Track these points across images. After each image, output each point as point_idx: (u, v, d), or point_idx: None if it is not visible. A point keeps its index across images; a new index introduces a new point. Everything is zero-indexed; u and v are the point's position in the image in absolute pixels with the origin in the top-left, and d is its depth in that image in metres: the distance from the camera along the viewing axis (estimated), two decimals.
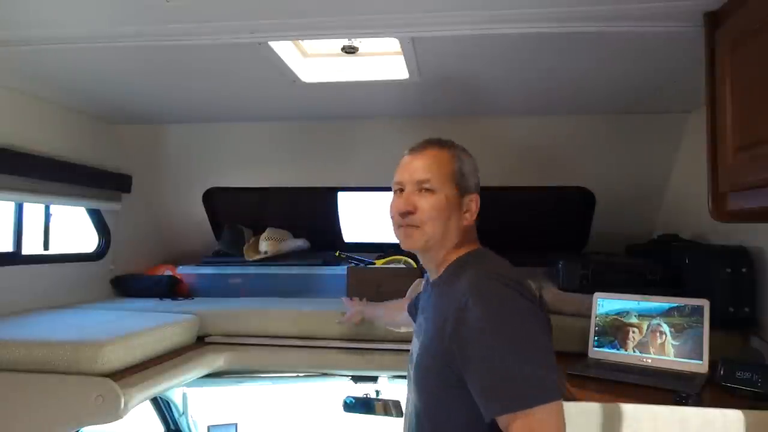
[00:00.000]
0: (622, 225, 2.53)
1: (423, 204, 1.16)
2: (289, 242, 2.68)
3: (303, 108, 2.24)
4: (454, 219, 1.17)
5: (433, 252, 1.20)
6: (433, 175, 1.17)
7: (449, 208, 1.17)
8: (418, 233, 1.17)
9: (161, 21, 1.41)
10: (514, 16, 1.36)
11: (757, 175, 1.12)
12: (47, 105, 2.12)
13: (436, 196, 1.16)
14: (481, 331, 0.99)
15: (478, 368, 0.99)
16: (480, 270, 1.10)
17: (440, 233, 1.17)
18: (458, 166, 1.19)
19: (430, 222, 1.16)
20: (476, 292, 1.03)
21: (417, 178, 1.18)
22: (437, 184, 1.17)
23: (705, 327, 1.54)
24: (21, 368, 1.55)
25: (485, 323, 0.99)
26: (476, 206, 1.20)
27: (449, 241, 1.18)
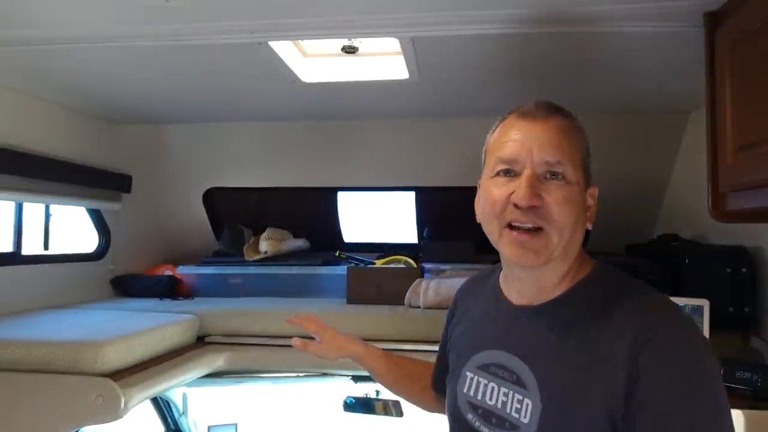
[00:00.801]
0: (622, 225, 2.53)
1: (552, 196, 0.81)
2: (289, 242, 2.68)
3: (303, 108, 2.24)
4: (579, 221, 0.85)
5: (550, 272, 0.86)
6: (565, 156, 0.83)
7: (575, 207, 0.83)
8: (544, 241, 0.82)
9: (161, 21, 1.41)
10: (514, 17, 1.36)
11: (757, 175, 1.12)
12: (47, 105, 2.12)
13: (570, 187, 0.83)
14: (683, 382, 0.71)
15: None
16: (655, 299, 0.80)
17: (567, 242, 0.83)
18: (586, 145, 0.89)
19: (564, 225, 0.82)
20: (670, 328, 0.75)
21: (545, 158, 0.82)
22: (571, 171, 0.83)
23: (705, 327, 1.53)
24: (21, 368, 1.55)
25: (692, 375, 0.72)
26: (595, 203, 0.90)
27: (573, 252, 0.86)
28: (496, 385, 0.86)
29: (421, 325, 1.93)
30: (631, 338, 0.73)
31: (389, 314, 2.03)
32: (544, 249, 0.82)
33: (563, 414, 0.77)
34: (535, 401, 0.79)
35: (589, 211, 0.88)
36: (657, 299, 0.81)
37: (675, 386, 0.71)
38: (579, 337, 0.78)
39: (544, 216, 0.81)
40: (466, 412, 0.91)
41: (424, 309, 2.05)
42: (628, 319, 0.75)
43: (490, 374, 0.88)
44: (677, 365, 0.72)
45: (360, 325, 1.99)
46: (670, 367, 0.71)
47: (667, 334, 0.73)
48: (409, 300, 2.12)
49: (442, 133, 2.38)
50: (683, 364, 0.72)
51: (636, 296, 0.80)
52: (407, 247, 2.68)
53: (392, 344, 1.93)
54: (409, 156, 2.47)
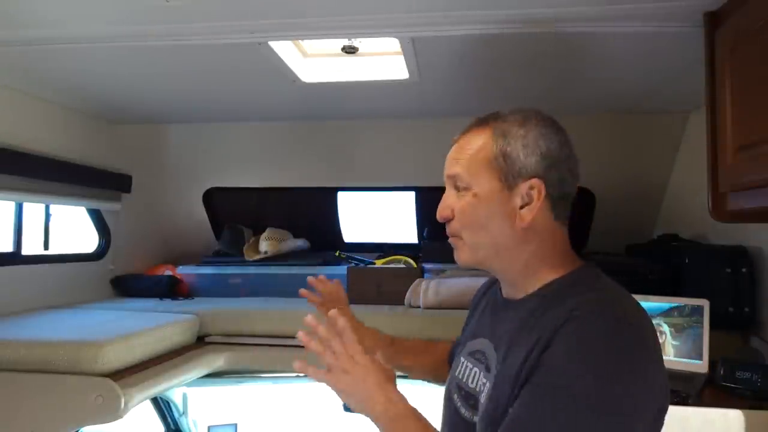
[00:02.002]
0: (622, 225, 2.53)
1: (458, 206, 0.91)
2: (289, 242, 2.68)
3: (303, 108, 2.24)
4: (500, 223, 0.87)
5: (501, 273, 0.92)
6: (463, 167, 0.90)
7: (488, 210, 0.87)
8: (461, 246, 0.92)
9: (161, 21, 1.41)
10: (513, 17, 1.36)
11: (757, 175, 1.12)
12: (47, 105, 2.12)
13: (470, 195, 0.89)
14: (565, 363, 0.72)
15: (525, 403, 0.74)
16: (597, 295, 0.81)
17: (489, 245, 0.88)
18: (499, 147, 0.87)
19: (466, 231, 0.90)
20: (598, 309, 0.76)
21: (447, 173, 0.93)
22: (470, 180, 0.89)
23: (705, 327, 1.54)
24: (21, 368, 1.55)
25: (573, 362, 0.72)
26: (539, 196, 0.86)
27: (516, 258, 0.88)
28: (477, 369, 0.92)
29: (421, 325, 1.93)
30: (561, 322, 0.75)
31: (389, 314, 2.03)
32: (465, 253, 0.91)
33: (499, 394, 0.81)
34: (490, 383, 0.85)
35: (527, 206, 0.86)
36: (603, 291, 0.83)
37: (573, 351, 0.72)
38: (533, 327, 0.81)
39: (455, 225, 0.91)
40: (454, 393, 0.97)
41: (424, 309, 2.05)
42: (567, 306, 0.77)
43: (474, 359, 0.95)
44: (585, 336, 0.73)
45: None
46: (577, 337, 0.73)
47: (592, 313, 0.75)
48: (409, 300, 2.12)
49: (442, 133, 2.36)
50: (593, 333, 0.73)
51: (587, 288, 0.82)
52: (407, 247, 2.68)
53: None
54: (409, 156, 2.47)
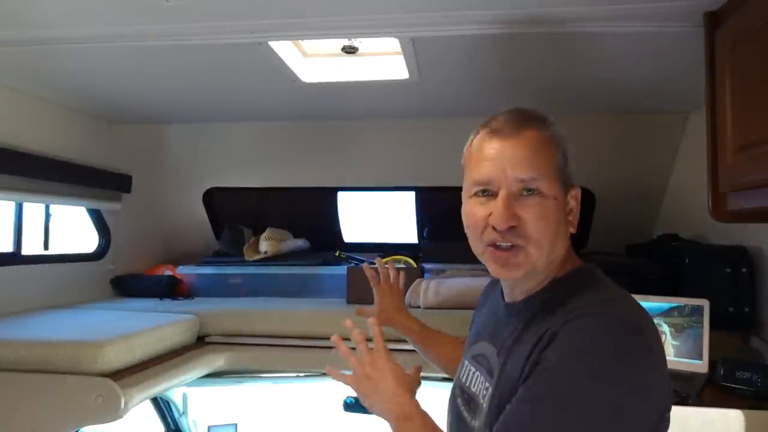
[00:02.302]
0: (622, 225, 2.53)
1: (529, 214, 0.81)
2: (289, 242, 2.68)
3: (303, 108, 2.24)
4: (564, 230, 0.85)
5: (533, 274, 0.87)
6: (539, 171, 0.82)
7: (559, 217, 0.84)
8: (523, 257, 0.82)
9: (161, 21, 1.41)
10: (513, 17, 1.36)
11: (757, 175, 1.12)
12: (47, 105, 2.12)
13: (546, 201, 0.82)
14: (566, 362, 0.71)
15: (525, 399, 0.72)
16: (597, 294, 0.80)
17: (548, 254, 0.84)
18: (561, 151, 0.85)
19: (539, 239, 0.82)
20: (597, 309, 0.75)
21: (519, 176, 0.82)
22: (546, 184, 0.82)
23: (705, 327, 1.54)
24: (21, 368, 1.55)
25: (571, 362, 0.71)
26: (578, 205, 0.86)
27: (557, 258, 0.86)
28: (480, 373, 0.91)
29: None
30: (559, 326, 0.74)
31: None
32: (525, 263, 0.84)
33: (501, 399, 0.79)
34: (492, 387, 0.84)
35: (571, 214, 0.87)
36: (602, 293, 0.82)
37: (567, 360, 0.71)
38: (535, 330, 0.80)
39: (522, 234, 0.82)
40: (458, 396, 0.97)
41: (424, 309, 2.05)
42: (566, 309, 0.76)
43: (477, 363, 0.94)
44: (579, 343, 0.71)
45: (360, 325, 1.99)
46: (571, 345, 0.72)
47: (585, 319, 0.73)
48: (409, 300, 2.12)
49: (442, 133, 2.38)
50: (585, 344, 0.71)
51: (587, 291, 0.81)
52: (407, 247, 2.68)
53: (392, 344, 1.92)
54: (409, 156, 2.47)
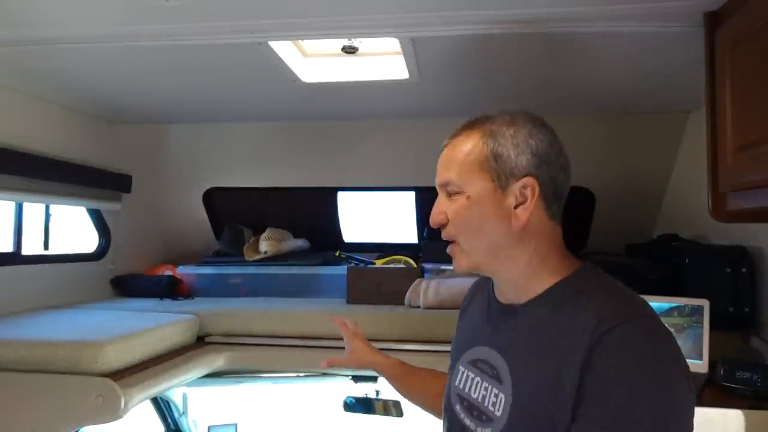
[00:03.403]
0: (622, 225, 2.53)
1: (450, 211, 0.89)
2: (289, 242, 2.68)
3: (303, 108, 2.24)
4: (496, 224, 0.86)
5: (502, 276, 0.91)
6: (456, 173, 0.88)
7: (483, 212, 0.86)
8: (459, 252, 0.90)
9: (161, 21, 1.41)
10: (514, 17, 1.36)
11: (757, 175, 1.12)
12: (47, 105, 2.12)
13: (463, 198, 0.88)
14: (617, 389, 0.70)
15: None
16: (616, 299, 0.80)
17: (486, 248, 0.88)
18: (490, 148, 0.87)
19: (462, 235, 0.89)
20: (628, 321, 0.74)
21: (439, 181, 0.92)
22: (461, 182, 0.88)
23: (705, 327, 1.54)
24: (21, 368, 1.55)
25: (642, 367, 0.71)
26: (533, 194, 0.85)
27: (515, 260, 0.87)
28: (480, 379, 0.90)
29: (421, 325, 1.93)
30: (591, 331, 0.74)
31: (389, 314, 2.03)
32: (461, 257, 0.90)
33: (530, 407, 0.79)
34: (507, 395, 0.82)
35: (522, 205, 0.86)
36: (621, 295, 0.81)
37: (621, 375, 0.70)
38: (549, 333, 0.80)
39: (449, 231, 0.90)
40: (455, 403, 0.95)
41: (424, 309, 2.05)
42: (591, 313, 0.76)
43: (476, 369, 0.92)
44: (628, 356, 0.71)
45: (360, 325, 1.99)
46: (621, 359, 0.71)
47: (624, 327, 0.73)
48: (409, 300, 2.12)
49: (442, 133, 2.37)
50: (635, 356, 0.71)
51: (602, 292, 0.81)
52: (407, 247, 2.68)
53: (392, 344, 1.93)
54: (409, 156, 2.47)
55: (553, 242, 0.90)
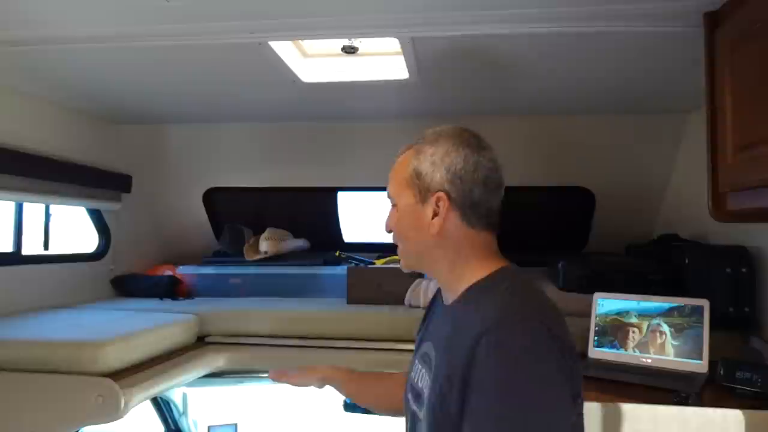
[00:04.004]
0: (622, 225, 2.53)
1: (390, 221, 1.05)
2: (289, 242, 2.68)
3: (303, 108, 2.24)
4: (417, 233, 0.99)
5: (434, 277, 1.04)
6: (391, 188, 1.04)
7: (408, 222, 1.00)
8: (399, 254, 1.05)
9: (161, 21, 1.41)
10: (513, 17, 1.36)
11: (757, 175, 1.12)
12: (47, 105, 2.12)
13: (397, 211, 1.03)
14: (492, 383, 0.80)
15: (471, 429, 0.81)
16: (504, 301, 0.88)
17: (415, 252, 1.02)
18: (414, 166, 0.99)
19: (398, 241, 1.04)
20: (494, 332, 0.82)
21: (387, 194, 1.07)
22: (395, 196, 1.03)
23: (705, 327, 1.54)
24: (21, 368, 1.55)
25: (499, 375, 0.80)
26: (446, 207, 0.95)
27: (436, 262, 0.99)
28: (424, 370, 0.99)
29: None
30: (477, 332, 0.82)
31: (389, 314, 2.03)
32: (401, 259, 1.05)
33: (436, 396, 0.89)
34: (430, 381, 0.94)
35: (437, 216, 0.96)
36: (516, 297, 0.90)
37: (494, 375, 0.80)
38: (456, 331, 0.90)
39: (393, 236, 1.05)
40: (408, 392, 1.07)
41: (424, 309, 2.04)
42: (479, 314, 0.86)
43: (423, 362, 1.02)
44: (501, 357, 0.80)
45: (360, 325, 1.99)
46: (495, 359, 0.80)
47: (501, 330, 0.82)
48: (409, 300, 2.12)
49: None
50: (506, 357, 0.80)
51: (501, 294, 0.90)
52: None
53: (392, 344, 1.93)
54: None
55: (474, 247, 0.98)
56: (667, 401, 1.25)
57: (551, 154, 2.41)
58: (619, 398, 1.30)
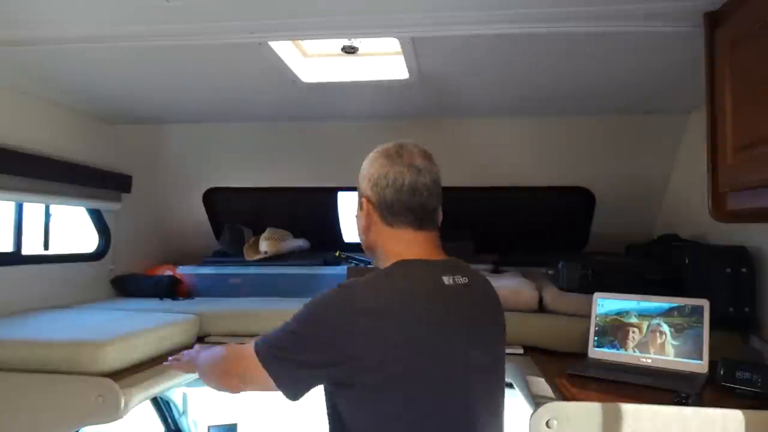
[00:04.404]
0: (622, 225, 2.53)
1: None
2: (289, 242, 2.68)
3: (303, 108, 2.24)
4: (362, 232, 1.19)
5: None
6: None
7: (358, 225, 1.20)
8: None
9: (161, 21, 1.41)
10: (514, 16, 1.36)
11: (757, 175, 1.12)
12: (47, 105, 2.12)
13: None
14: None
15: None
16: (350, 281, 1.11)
17: (366, 249, 1.21)
18: (362, 175, 1.17)
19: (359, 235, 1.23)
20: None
21: None
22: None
23: (705, 327, 1.54)
24: (21, 368, 1.55)
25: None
26: (369, 209, 1.14)
27: (378, 257, 1.17)
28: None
29: None
30: None
31: None
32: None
33: None
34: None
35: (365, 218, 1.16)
36: (354, 281, 1.07)
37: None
38: None
39: None
40: None
41: None
42: None
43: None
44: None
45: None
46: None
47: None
48: None
49: (442, 133, 2.38)
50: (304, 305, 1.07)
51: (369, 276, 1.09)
52: None
53: None
54: None
55: (395, 243, 1.13)
56: (667, 401, 1.25)
57: (551, 154, 2.41)
58: (619, 398, 1.29)
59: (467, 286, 1.13)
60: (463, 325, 1.09)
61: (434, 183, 1.14)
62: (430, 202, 1.13)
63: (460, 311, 1.10)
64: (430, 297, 1.07)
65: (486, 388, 1.12)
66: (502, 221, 2.68)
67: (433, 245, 1.16)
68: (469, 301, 1.13)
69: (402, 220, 1.12)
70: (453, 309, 1.09)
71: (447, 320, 1.07)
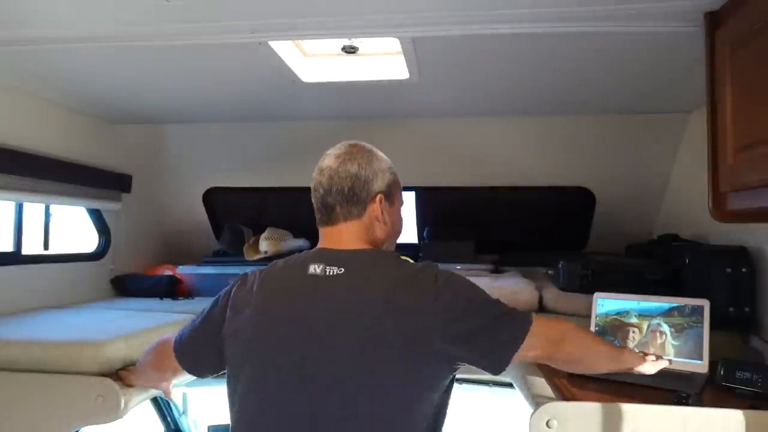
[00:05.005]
0: (622, 225, 2.53)
1: None
2: (289, 242, 2.68)
3: (303, 108, 2.24)
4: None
5: None
6: None
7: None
8: None
9: (161, 21, 1.41)
10: (514, 16, 1.36)
11: (757, 175, 1.12)
12: (47, 105, 2.12)
13: None
14: None
15: None
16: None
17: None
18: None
19: None
20: None
21: None
22: None
23: (705, 327, 1.54)
24: (21, 368, 1.55)
25: None
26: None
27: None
28: None
29: None
30: None
31: None
32: None
33: None
34: None
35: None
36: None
37: None
38: None
39: None
40: None
41: None
42: None
43: None
44: None
45: None
46: None
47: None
48: None
49: (442, 133, 2.39)
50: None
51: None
52: (407, 247, 2.68)
53: None
54: (409, 156, 2.47)
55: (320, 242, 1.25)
56: (667, 401, 1.25)
57: (551, 154, 2.41)
58: (619, 398, 1.30)
59: (335, 278, 1.11)
60: (306, 314, 1.09)
61: (331, 179, 1.22)
62: (328, 198, 1.23)
63: (309, 301, 1.11)
64: (283, 282, 1.18)
65: (339, 389, 1.02)
66: (502, 221, 2.68)
67: (341, 238, 1.23)
68: (327, 291, 1.10)
69: (317, 220, 1.29)
70: (299, 298, 1.12)
71: (282, 308, 1.12)
